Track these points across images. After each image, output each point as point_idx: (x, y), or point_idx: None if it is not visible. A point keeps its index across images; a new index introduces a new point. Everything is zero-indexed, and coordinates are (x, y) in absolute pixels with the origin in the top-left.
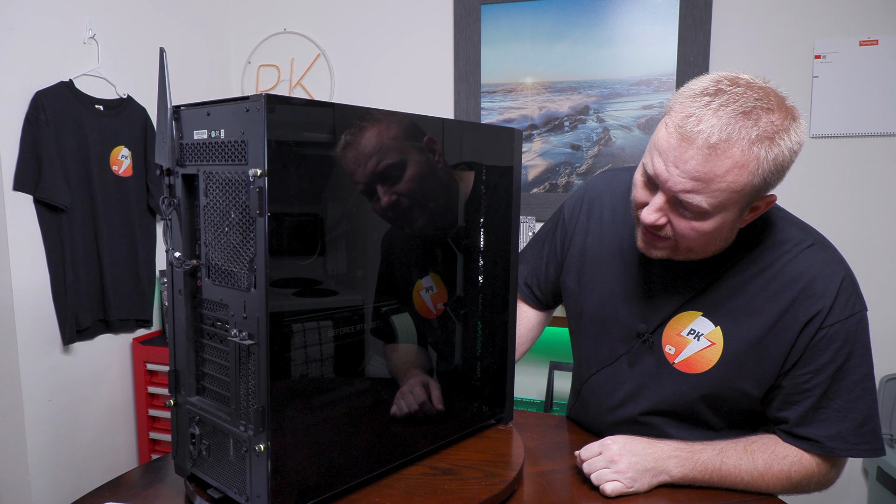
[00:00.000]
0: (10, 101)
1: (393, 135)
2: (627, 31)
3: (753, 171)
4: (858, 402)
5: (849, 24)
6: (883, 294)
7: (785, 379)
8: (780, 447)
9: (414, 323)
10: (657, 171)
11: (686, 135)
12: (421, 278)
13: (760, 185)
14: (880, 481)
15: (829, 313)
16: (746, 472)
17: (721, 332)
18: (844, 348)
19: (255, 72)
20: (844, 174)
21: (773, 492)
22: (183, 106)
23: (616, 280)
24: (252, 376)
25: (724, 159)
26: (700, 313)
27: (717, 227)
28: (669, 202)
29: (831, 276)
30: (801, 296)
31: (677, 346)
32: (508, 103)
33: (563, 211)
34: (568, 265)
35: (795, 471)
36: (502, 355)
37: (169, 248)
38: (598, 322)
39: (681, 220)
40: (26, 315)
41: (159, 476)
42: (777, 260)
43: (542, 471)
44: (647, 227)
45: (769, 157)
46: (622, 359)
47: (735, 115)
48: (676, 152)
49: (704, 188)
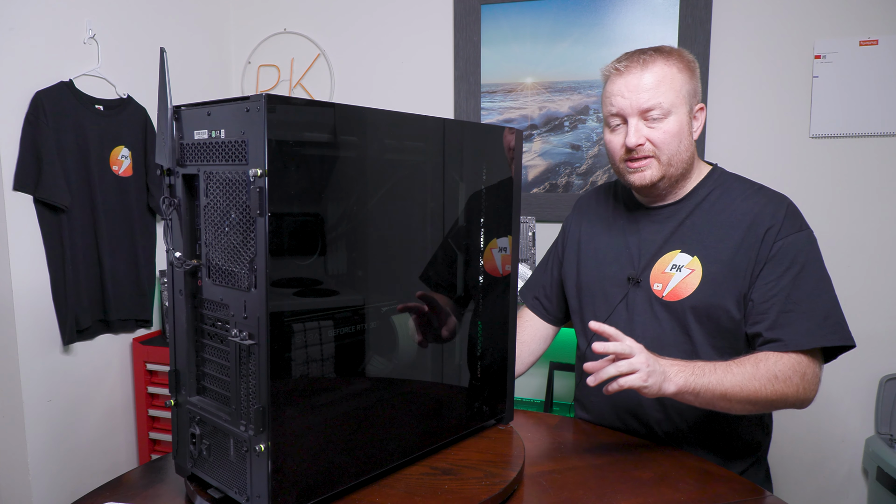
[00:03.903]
0: (10, 101)
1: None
2: (627, 31)
3: (677, 76)
4: (818, 301)
5: (849, 24)
6: (883, 294)
7: (753, 291)
8: (762, 355)
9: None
10: (621, 105)
11: (627, 71)
12: (498, 238)
13: (689, 89)
14: (880, 481)
15: (781, 228)
16: (737, 373)
17: (698, 259)
18: (799, 258)
19: (255, 72)
20: (844, 174)
21: (764, 394)
22: (183, 106)
23: (606, 245)
24: (252, 376)
25: (656, 72)
26: (678, 250)
27: (678, 128)
28: (640, 120)
29: (778, 204)
30: (757, 220)
31: (664, 282)
32: (508, 103)
33: (563, 227)
34: (567, 258)
35: (779, 368)
36: (503, 355)
37: (169, 248)
38: (595, 285)
39: (653, 131)
40: (26, 315)
41: (159, 476)
42: (733, 201)
43: (542, 471)
44: (632, 150)
45: (682, 67)
46: (619, 308)
47: (652, 50)
48: (627, 83)
49: (655, 92)
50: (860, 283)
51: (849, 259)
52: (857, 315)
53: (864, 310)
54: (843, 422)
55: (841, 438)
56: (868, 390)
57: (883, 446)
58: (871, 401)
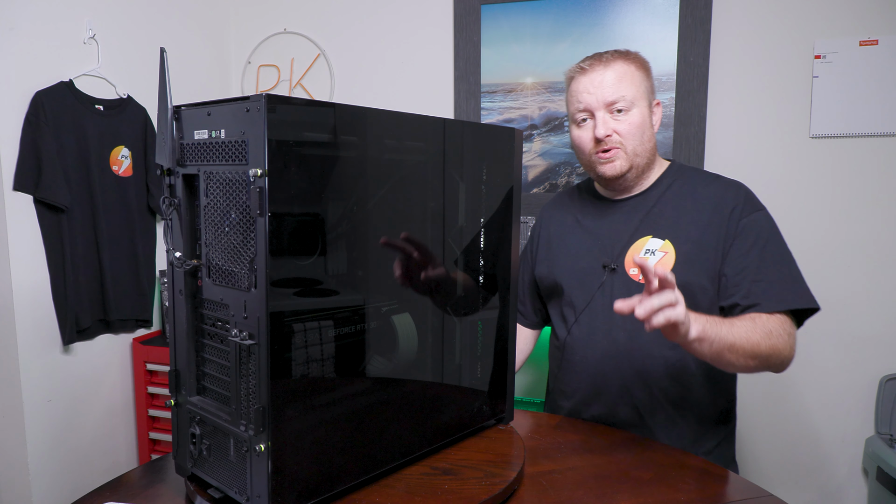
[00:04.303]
0: (10, 101)
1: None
2: (627, 31)
3: (636, 73)
4: (784, 270)
5: (849, 24)
6: (883, 294)
7: (726, 266)
8: (754, 314)
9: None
10: (588, 101)
11: (591, 69)
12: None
13: (647, 86)
14: (880, 481)
15: (743, 208)
16: (740, 327)
17: (670, 242)
18: (763, 233)
19: (255, 72)
20: (844, 174)
21: (763, 347)
22: (183, 106)
23: (578, 239)
24: (252, 376)
25: (617, 69)
26: (650, 235)
27: (641, 120)
28: (607, 113)
29: (737, 188)
30: (721, 202)
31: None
32: (508, 103)
33: (531, 235)
34: (539, 259)
35: (772, 325)
36: (502, 355)
37: (169, 248)
38: (571, 276)
39: (619, 123)
40: (26, 315)
41: (159, 476)
42: (695, 188)
43: (542, 471)
44: (601, 142)
45: (639, 66)
46: (598, 294)
47: (611, 52)
48: (592, 80)
49: (618, 87)
50: (860, 283)
51: (849, 259)
52: (857, 315)
53: (864, 310)
54: (843, 422)
55: (841, 438)
56: (868, 390)
57: (883, 446)
58: (871, 401)
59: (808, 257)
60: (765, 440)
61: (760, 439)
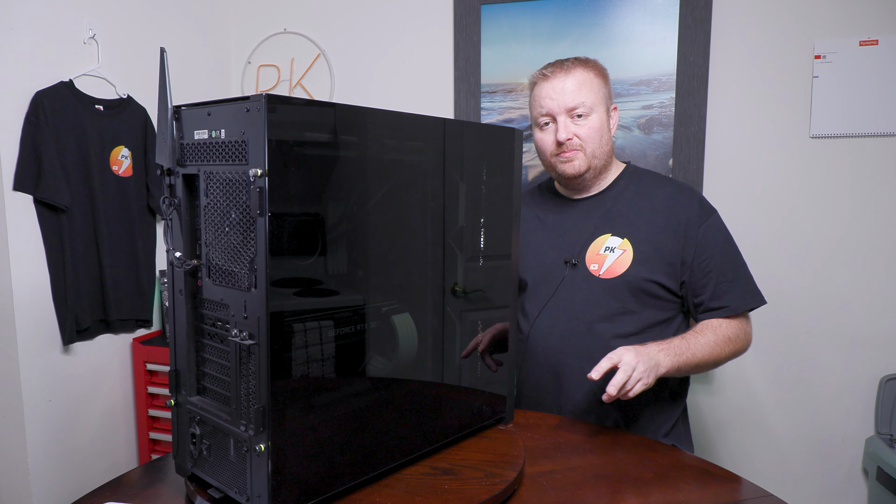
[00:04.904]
0: (10, 101)
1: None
2: (627, 31)
3: (595, 80)
4: (741, 270)
5: (849, 24)
6: (883, 294)
7: (691, 273)
8: (713, 322)
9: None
10: (550, 106)
11: (553, 76)
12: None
13: (605, 93)
14: (880, 481)
15: (699, 215)
16: (703, 343)
17: (628, 241)
18: (719, 237)
19: (255, 72)
20: (844, 174)
21: (724, 355)
22: (183, 106)
23: (541, 237)
24: (252, 376)
25: (577, 76)
26: (609, 234)
27: (599, 124)
28: (568, 118)
29: (690, 193)
30: (675, 208)
31: (599, 263)
32: (508, 103)
33: None
34: None
35: (732, 331)
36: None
37: (169, 248)
38: (536, 273)
39: (580, 127)
40: (26, 315)
41: (159, 476)
42: (650, 190)
43: (542, 471)
44: (562, 145)
45: (597, 73)
46: (560, 288)
47: (572, 60)
48: (553, 87)
49: (578, 94)
50: (860, 283)
51: (849, 259)
52: (857, 315)
53: (864, 310)
54: (843, 422)
55: (841, 438)
56: (868, 390)
57: (883, 446)
58: (871, 401)
59: (807, 257)
60: (764, 440)
61: (760, 439)
